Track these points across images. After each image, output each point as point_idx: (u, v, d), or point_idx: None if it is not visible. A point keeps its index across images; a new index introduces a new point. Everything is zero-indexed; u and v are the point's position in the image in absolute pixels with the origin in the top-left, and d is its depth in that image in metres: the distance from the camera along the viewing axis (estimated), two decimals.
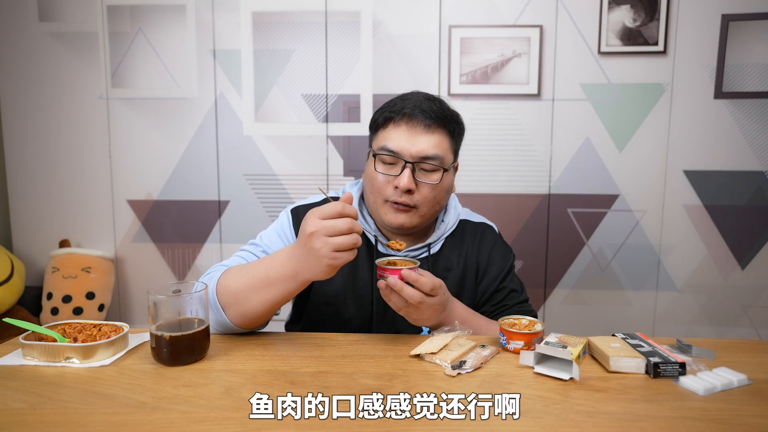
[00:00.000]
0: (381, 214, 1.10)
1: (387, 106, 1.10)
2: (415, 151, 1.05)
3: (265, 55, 2.20)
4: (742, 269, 2.20)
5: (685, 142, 2.16)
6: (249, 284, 0.95)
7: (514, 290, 1.19)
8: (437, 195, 1.09)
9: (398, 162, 1.06)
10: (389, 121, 1.08)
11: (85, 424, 0.70)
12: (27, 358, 0.90)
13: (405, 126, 1.06)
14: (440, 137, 1.07)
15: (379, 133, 1.10)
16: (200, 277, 1.08)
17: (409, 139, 1.05)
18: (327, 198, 1.11)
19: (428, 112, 1.06)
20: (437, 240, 1.17)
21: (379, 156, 1.07)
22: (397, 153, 1.05)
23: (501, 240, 1.25)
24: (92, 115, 2.26)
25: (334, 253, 0.85)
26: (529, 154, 2.21)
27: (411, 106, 1.07)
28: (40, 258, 2.34)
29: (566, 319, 2.28)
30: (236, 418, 0.71)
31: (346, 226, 0.85)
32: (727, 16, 2.07)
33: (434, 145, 1.06)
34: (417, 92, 1.13)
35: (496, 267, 1.19)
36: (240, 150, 2.25)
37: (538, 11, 2.13)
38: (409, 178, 1.04)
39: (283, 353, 0.95)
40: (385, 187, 1.07)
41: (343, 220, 0.85)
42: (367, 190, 1.13)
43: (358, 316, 1.14)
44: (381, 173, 1.07)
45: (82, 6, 2.20)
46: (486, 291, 1.18)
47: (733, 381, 0.81)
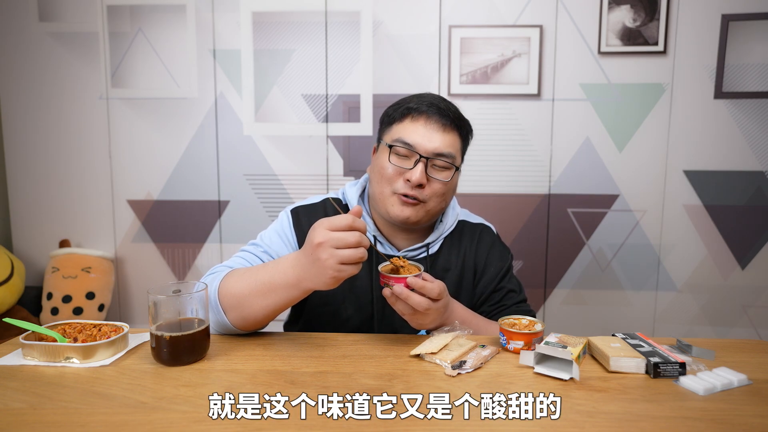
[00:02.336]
0: (387, 205, 1.10)
1: (404, 102, 1.13)
2: (431, 146, 1.07)
3: (265, 55, 2.20)
4: (742, 269, 2.20)
5: (685, 142, 2.16)
6: (251, 289, 0.95)
7: (512, 290, 1.19)
8: (446, 192, 1.11)
9: (412, 156, 1.08)
10: (407, 115, 1.10)
11: (85, 424, 0.70)
12: (27, 358, 0.90)
13: (423, 122, 1.09)
14: (454, 138, 1.10)
15: (395, 126, 1.12)
16: (201, 278, 1.09)
17: (425, 135, 1.08)
18: (328, 199, 1.11)
19: (446, 111, 1.09)
20: (436, 240, 1.17)
21: (394, 148, 1.09)
22: (413, 146, 1.07)
23: (499, 240, 1.26)
24: (92, 115, 2.26)
25: (339, 266, 0.85)
26: (529, 154, 2.20)
27: (428, 104, 1.09)
28: (40, 258, 2.34)
29: (566, 319, 2.28)
30: (236, 418, 0.71)
31: (355, 239, 0.85)
32: (727, 16, 2.07)
33: (449, 144, 1.09)
34: (431, 93, 1.15)
35: (494, 268, 1.20)
36: (240, 150, 2.25)
37: (538, 11, 2.13)
38: (422, 172, 1.06)
39: (283, 353, 0.95)
40: (396, 179, 1.08)
41: (351, 234, 0.85)
42: (375, 182, 1.13)
43: (357, 316, 1.14)
44: (394, 164, 1.08)
45: (82, 6, 2.20)
46: (484, 291, 1.19)
47: (733, 381, 0.81)
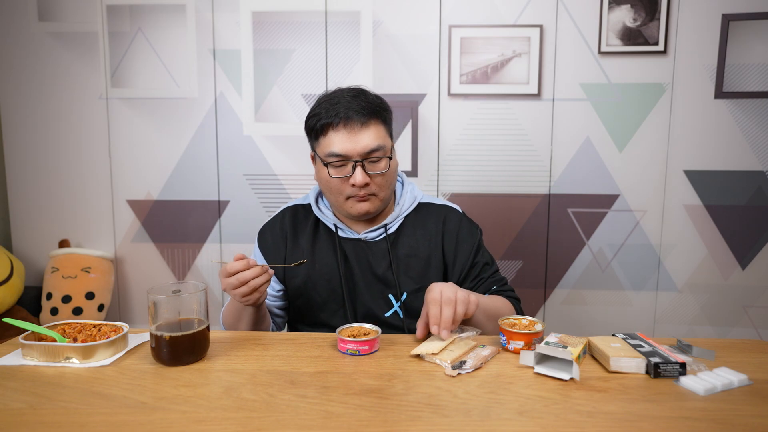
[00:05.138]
0: (346, 209, 1.19)
1: (319, 113, 1.16)
2: (360, 148, 1.13)
3: (265, 55, 2.20)
4: (743, 269, 2.20)
5: (685, 142, 2.16)
6: (233, 315, 1.18)
7: (487, 263, 1.26)
8: (389, 178, 1.19)
9: (348, 163, 1.14)
10: (327, 127, 1.14)
11: (85, 424, 0.70)
12: (27, 358, 0.90)
13: (343, 129, 1.13)
14: (376, 128, 1.15)
15: (321, 140, 1.17)
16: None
17: (351, 140, 1.13)
18: (287, 208, 1.32)
19: (360, 110, 1.13)
20: (393, 221, 1.24)
21: (330, 162, 1.15)
22: (344, 155, 1.13)
23: (466, 218, 1.31)
24: (92, 114, 2.26)
25: (233, 292, 1.04)
26: (529, 154, 2.20)
27: (343, 108, 1.13)
28: (40, 258, 2.34)
29: (566, 319, 2.28)
30: (236, 418, 0.71)
31: (228, 283, 1.04)
32: (728, 15, 2.07)
33: (374, 138, 1.14)
34: (341, 90, 1.19)
35: (467, 244, 1.25)
36: (240, 150, 2.25)
37: (538, 11, 2.13)
38: (362, 174, 1.13)
39: (283, 353, 0.95)
40: (343, 187, 1.16)
41: (226, 280, 1.04)
42: (326, 193, 1.22)
43: (332, 299, 1.23)
44: (336, 177, 1.15)
45: (82, 6, 2.20)
46: (463, 269, 1.24)
47: (733, 381, 0.81)
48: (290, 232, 1.27)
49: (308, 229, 1.27)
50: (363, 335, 0.96)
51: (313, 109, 1.19)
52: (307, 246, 1.25)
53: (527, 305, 2.29)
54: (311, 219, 1.28)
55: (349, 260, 1.23)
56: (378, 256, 1.22)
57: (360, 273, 1.22)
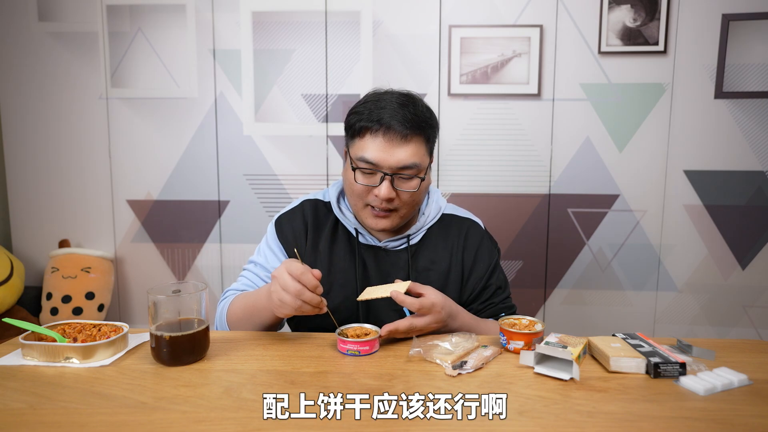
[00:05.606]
0: (362, 217, 1.14)
1: (362, 112, 1.08)
2: (393, 162, 1.06)
3: (265, 55, 2.20)
4: (743, 269, 2.20)
5: (685, 142, 2.15)
6: (244, 311, 1.11)
7: (500, 287, 1.22)
8: (416, 197, 1.12)
9: (377, 173, 1.07)
10: (366, 130, 1.07)
11: (85, 424, 0.70)
12: (27, 358, 0.90)
13: (382, 137, 1.05)
14: (417, 145, 1.07)
15: (356, 141, 1.10)
16: (218, 302, 1.23)
17: (387, 150, 1.05)
18: (306, 200, 1.24)
19: (404, 121, 1.05)
20: (417, 232, 1.19)
21: (359, 168, 1.08)
22: (375, 164, 1.06)
23: (487, 236, 1.27)
24: (92, 115, 2.26)
25: (279, 302, 0.95)
26: (529, 154, 2.20)
27: (387, 115, 1.05)
28: (40, 258, 2.34)
29: (566, 319, 2.28)
30: (236, 418, 0.71)
31: (294, 289, 0.93)
32: (728, 15, 2.07)
33: (411, 155, 1.06)
34: (390, 93, 1.11)
35: (483, 264, 1.21)
36: (240, 150, 2.25)
37: (538, 11, 2.13)
38: (388, 188, 1.06)
39: (283, 353, 0.95)
40: (366, 194, 1.10)
41: (294, 284, 0.93)
42: (347, 193, 1.16)
43: (344, 306, 1.16)
44: (361, 183, 1.09)
45: (82, 6, 2.20)
46: (474, 289, 1.20)
47: (733, 381, 0.81)
48: (311, 227, 1.20)
49: (327, 230, 1.20)
50: (364, 335, 0.96)
51: (356, 105, 1.12)
52: (325, 248, 1.19)
53: (527, 305, 2.29)
54: (331, 219, 1.21)
55: (368, 268, 1.18)
56: (397, 267, 1.17)
57: (377, 282, 1.16)
